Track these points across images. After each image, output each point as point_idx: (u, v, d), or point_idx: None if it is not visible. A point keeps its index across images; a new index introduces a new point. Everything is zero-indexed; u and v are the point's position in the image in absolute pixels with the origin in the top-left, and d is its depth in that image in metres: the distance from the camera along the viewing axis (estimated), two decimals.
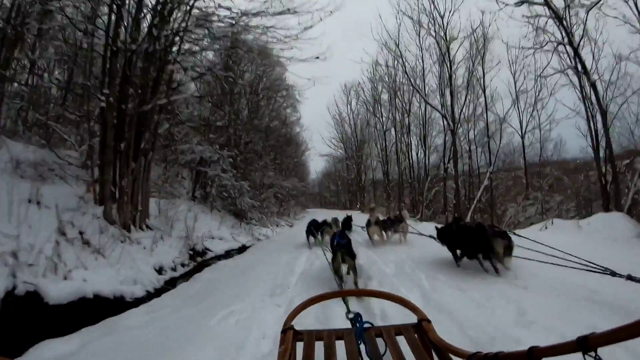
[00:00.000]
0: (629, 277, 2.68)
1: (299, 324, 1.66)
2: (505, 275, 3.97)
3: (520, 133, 16.01)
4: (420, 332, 1.48)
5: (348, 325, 1.65)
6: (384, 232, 7.44)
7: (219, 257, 8.27)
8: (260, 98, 22.36)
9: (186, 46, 9.47)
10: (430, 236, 5.57)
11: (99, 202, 7.92)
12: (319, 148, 64.60)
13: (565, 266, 3.42)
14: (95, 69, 8.72)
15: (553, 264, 3.59)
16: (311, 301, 1.79)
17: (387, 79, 21.88)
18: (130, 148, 7.96)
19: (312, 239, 8.12)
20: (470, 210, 13.15)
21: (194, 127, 14.43)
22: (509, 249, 4.06)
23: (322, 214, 11.37)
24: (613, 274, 2.85)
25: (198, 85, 15.71)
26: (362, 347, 1.43)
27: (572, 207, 12.16)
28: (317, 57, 9.14)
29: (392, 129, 24.13)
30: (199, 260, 7.62)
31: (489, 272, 4.13)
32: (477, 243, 4.16)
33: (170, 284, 5.61)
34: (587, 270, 3.16)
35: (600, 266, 3.04)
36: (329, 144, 37.00)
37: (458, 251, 4.67)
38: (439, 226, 5.56)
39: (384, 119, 25.29)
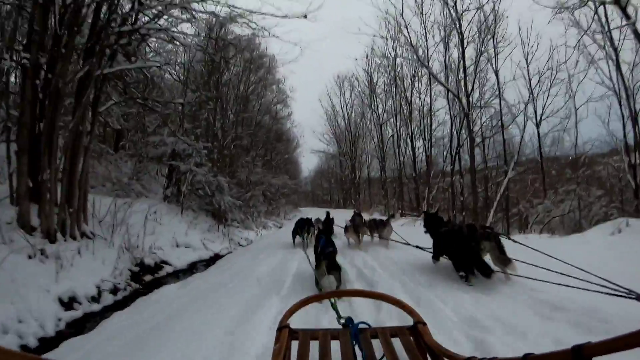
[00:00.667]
0: None
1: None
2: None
3: (535, 121, 14.27)
4: (416, 334, 1.42)
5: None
6: (367, 233, 6.93)
7: (177, 274, 6.24)
8: (250, 92, 20.78)
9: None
10: (417, 246, 4.87)
11: (16, 201, 5.99)
12: (312, 144, 63.11)
13: (578, 287, 2.57)
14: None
15: (562, 284, 2.71)
16: (307, 300, 1.69)
17: (387, 57, 19.68)
18: (54, 129, 5.96)
19: (298, 238, 7.06)
20: (492, 209, 11.28)
21: (165, 114, 12.37)
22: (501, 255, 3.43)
23: (314, 213, 9.53)
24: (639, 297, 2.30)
25: (182, 72, 13.78)
26: (357, 348, 1.36)
27: (608, 203, 10.46)
28: (305, 16, 7.27)
29: (389, 122, 22.33)
30: (147, 279, 5.61)
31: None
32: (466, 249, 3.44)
33: (78, 325, 3.61)
34: (607, 293, 2.43)
35: (624, 288, 2.39)
36: (321, 140, 35.21)
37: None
38: (430, 212, 5.04)
39: (380, 110, 23.43)
